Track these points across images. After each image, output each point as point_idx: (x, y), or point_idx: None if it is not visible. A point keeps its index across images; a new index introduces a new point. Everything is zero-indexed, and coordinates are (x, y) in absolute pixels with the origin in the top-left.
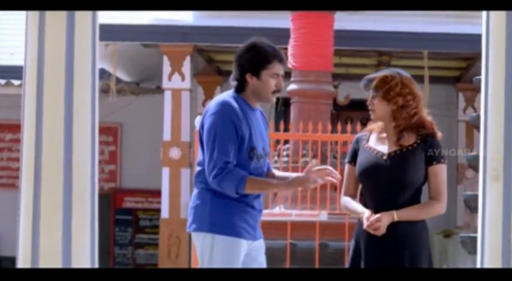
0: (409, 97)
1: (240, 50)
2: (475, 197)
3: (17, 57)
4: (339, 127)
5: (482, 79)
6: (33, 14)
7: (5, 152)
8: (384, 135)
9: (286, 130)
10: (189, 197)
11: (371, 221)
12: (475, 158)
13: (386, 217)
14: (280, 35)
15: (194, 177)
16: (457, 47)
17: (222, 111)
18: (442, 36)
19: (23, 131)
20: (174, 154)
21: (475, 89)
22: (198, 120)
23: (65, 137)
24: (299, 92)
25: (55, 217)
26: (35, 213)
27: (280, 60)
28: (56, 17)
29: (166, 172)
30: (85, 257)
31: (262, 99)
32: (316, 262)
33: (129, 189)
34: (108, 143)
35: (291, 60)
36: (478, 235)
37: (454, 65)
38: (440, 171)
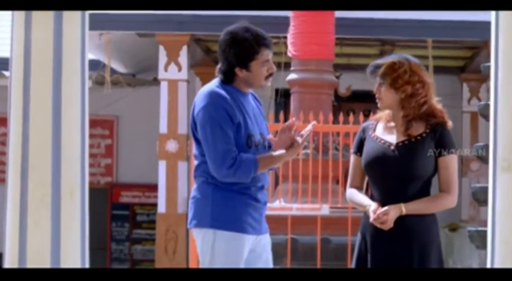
0: (418, 85)
1: (222, 43)
2: (483, 189)
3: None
4: (340, 118)
5: (492, 66)
6: None
7: None
8: (392, 124)
9: (286, 121)
10: (187, 191)
11: (378, 215)
12: (485, 148)
13: (394, 210)
14: (280, 23)
15: (193, 170)
16: (463, 35)
17: (212, 102)
18: (447, 24)
19: (10, 125)
20: (171, 146)
21: (480, 79)
22: None
23: (53, 131)
24: (299, 81)
25: (43, 214)
26: (22, 209)
27: (267, 46)
28: None
29: (162, 165)
30: (75, 255)
31: (255, 86)
32: (318, 258)
33: (126, 183)
34: (104, 137)
35: (290, 49)
36: (488, 229)
37: (459, 54)
38: (450, 162)
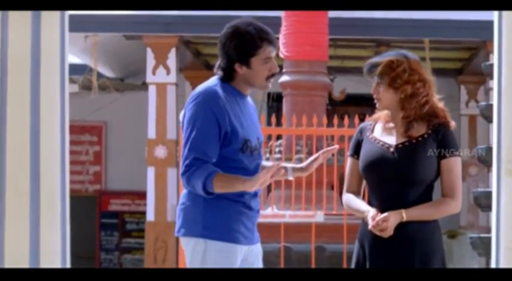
0: (419, 84)
1: (223, 36)
2: (486, 194)
3: None
4: (335, 121)
5: (495, 66)
6: None
7: None
8: (391, 125)
9: (278, 124)
10: (176, 199)
11: (377, 221)
12: (487, 151)
13: (394, 217)
14: (272, 24)
15: (181, 174)
16: (461, 35)
17: (204, 102)
18: (445, 24)
19: None
20: (160, 152)
21: (478, 81)
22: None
23: (31, 136)
24: (292, 83)
25: (22, 222)
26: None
27: (270, 42)
28: None
29: (151, 172)
30: (55, 264)
31: (256, 86)
32: (313, 266)
33: (115, 191)
34: (92, 143)
35: (282, 50)
36: (492, 235)
37: (456, 56)
38: (454, 164)
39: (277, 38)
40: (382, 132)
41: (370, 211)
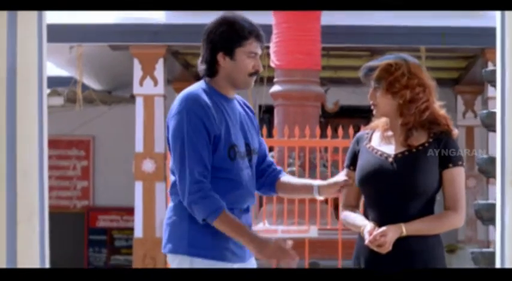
0: (418, 89)
1: (209, 25)
2: (488, 206)
3: None
4: (329, 132)
5: (498, 72)
6: None
7: None
8: (390, 133)
9: (269, 136)
10: (164, 214)
11: (374, 236)
12: (488, 162)
13: (393, 231)
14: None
15: (169, 187)
16: (458, 42)
17: (188, 108)
18: (441, 31)
19: None
20: (148, 166)
21: (475, 91)
22: None
23: (8, 149)
24: (283, 93)
25: None
26: None
27: (258, 37)
28: None
29: (139, 187)
30: None
31: (238, 84)
32: None
33: (103, 207)
34: (79, 158)
35: (273, 59)
36: (496, 250)
37: (453, 65)
38: (457, 175)
39: (268, 47)
40: (380, 141)
41: (367, 225)
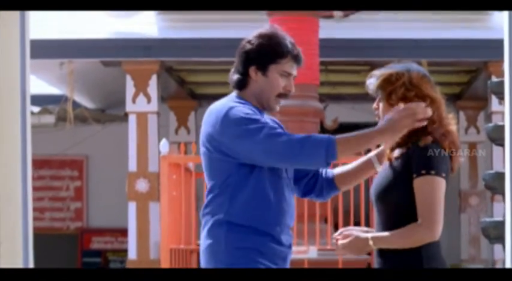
0: (417, 101)
1: (250, 36)
2: (495, 224)
3: None
4: None
5: (506, 84)
6: None
7: None
8: None
9: None
10: (159, 235)
11: (341, 232)
12: (495, 177)
13: (359, 239)
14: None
15: (202, 209)
16: (461, 55)
17: (236, 108)
18: (443, 43)
19: None
20: (141, 186)
21: (477, 106)
22: (165, 144)
23: None
24: (281, 109)
25: None
26: None
27: (296, 58)
28: None
29: (132, 207)
30: None
31: (264, 103)
32: None
33: (97, 228)
34: (73, 178)
35: None
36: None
37: (455, 80)
38: (422, 185)
39: None
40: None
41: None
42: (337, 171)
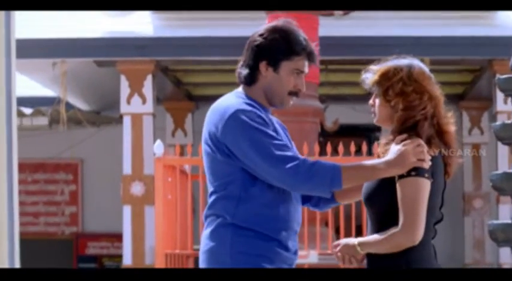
0: (414, 97)
1: (262, 29)
2: (503, 227)
3: None
4: (328, 149)
5: None
6: None
7: None
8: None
9: None
10: (155, 240)
11: (334, 246)
12: (503, 178)
13: (346, 245)
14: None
15: (206, 209)
16: (464, 53)
17: (242, 109)
18: (447, 41)
19: None
20: (136, 189)
21: (481, 107)
22: (159, 146)
23: None
24: (279, 109)
25: None
26: None
27: (310, 56)
28: None
29: (127, 211)
30: None
31: (274, 100)
32: None
33: (92, 233)
34: (67, 182)
35: None
36: None
37: (458, 79)
38: (402, 188)
39: None
40: None
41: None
42: None
